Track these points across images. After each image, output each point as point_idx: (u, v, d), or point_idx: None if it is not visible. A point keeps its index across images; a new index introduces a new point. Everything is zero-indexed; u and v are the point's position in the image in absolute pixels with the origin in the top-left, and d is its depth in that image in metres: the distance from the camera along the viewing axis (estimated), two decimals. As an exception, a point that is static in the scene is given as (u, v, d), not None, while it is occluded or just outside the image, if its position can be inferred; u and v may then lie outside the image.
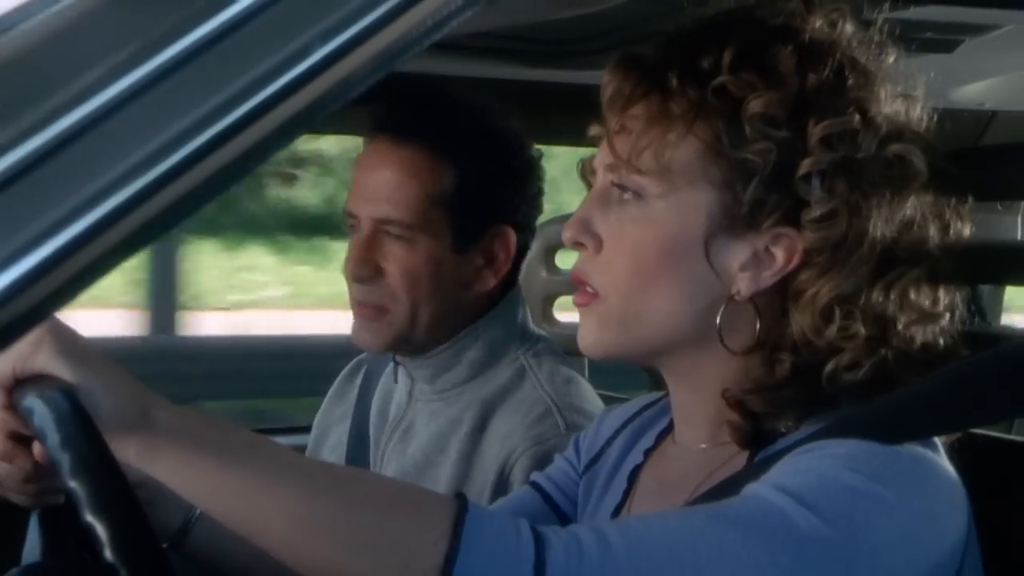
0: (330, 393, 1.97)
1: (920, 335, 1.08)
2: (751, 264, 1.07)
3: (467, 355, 1.69)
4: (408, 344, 1.68)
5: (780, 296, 1.08)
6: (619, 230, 1.10)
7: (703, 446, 1.14)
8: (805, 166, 1.04)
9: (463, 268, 1.67)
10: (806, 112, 1.05)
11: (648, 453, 1.23)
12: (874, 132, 1.06)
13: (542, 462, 1.55)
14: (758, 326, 1.08)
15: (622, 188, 1.09)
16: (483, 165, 1.67)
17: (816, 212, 1.04)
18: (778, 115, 1.04)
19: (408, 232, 1.63)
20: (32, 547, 1.20)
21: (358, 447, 1.82)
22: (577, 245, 1.12)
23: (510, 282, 1.73)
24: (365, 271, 1.64)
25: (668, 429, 1.22)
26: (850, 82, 1.08)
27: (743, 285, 1.08)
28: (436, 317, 1.66)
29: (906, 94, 1.12)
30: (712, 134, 1.06)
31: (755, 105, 1.04)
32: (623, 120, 1.10)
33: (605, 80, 1.12)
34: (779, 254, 1.06)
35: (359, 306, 1.67)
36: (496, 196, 1.68)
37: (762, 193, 1.05)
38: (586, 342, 1.13)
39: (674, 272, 1.08)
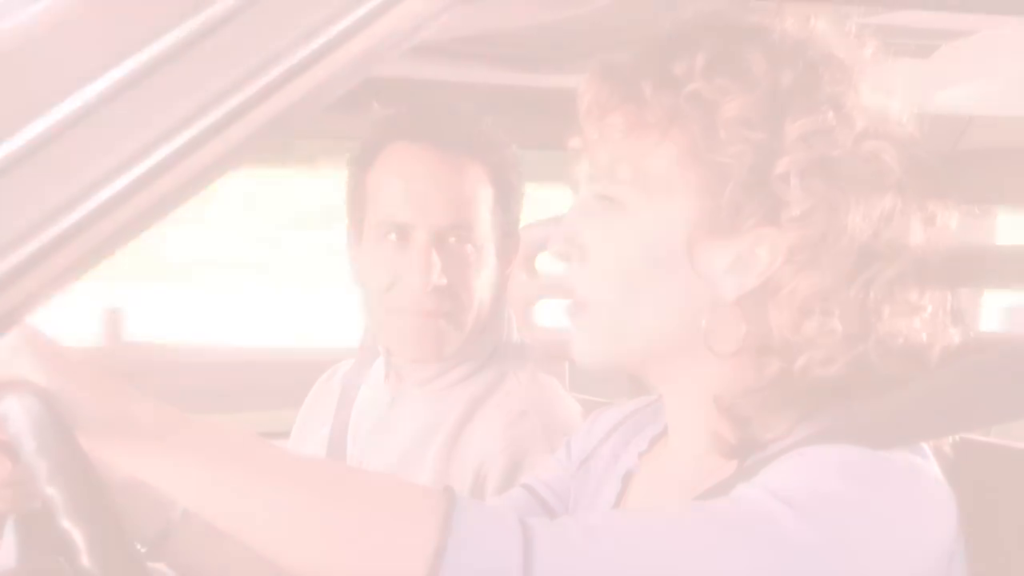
0: (307, 400, 1.97)
1: (902, 332, 1.08)
2: (735, 267, 1.07)
3: (465, 363, 1.70)
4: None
5: (764, 297, 1.08)
6: (603, 240, 1.10)
7: (696, 452, 1.13)
8: (782, 165, 1.04)
9: (503, 277, 1.72)
10: (781, 112, 1.05)
11: (642, 456, 1.23)
12: (850, 128, 1.06)
13: (518, 464, 1.55)
14: (744, 329, 1.08)
15: (604, 198, 1.09)
16: (509, 170, 1.69)
17: (796, 210, 1.04)
18: (753, 117, 1.04)
19: (480, 240, 1.66)
20: (7, 553, 1.19)
21: (337, 453, 1.81)
22: (564, 256, 1.12)
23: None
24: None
25: (663, 433, 1.22)
26: (825, 78, 1.07)
27: (728, 288, 1.07)
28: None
29: (885, 88, 1.12)
30: (688, 140, 1.06)
31: (729, 109, 1.04)
32: (600, 130, 1.10)
33: (581, 91, 1.11)
34: (762, 254, 1.06)
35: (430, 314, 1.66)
36: (515, 201, 1.71)
37: (741, 195, 1.05)
38: (578, 353, 1.13)
39: (659, 281, 1.08)
